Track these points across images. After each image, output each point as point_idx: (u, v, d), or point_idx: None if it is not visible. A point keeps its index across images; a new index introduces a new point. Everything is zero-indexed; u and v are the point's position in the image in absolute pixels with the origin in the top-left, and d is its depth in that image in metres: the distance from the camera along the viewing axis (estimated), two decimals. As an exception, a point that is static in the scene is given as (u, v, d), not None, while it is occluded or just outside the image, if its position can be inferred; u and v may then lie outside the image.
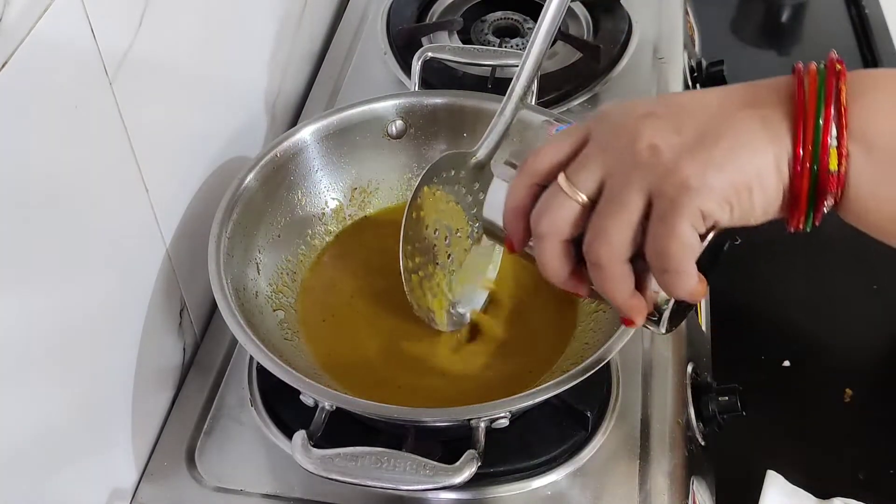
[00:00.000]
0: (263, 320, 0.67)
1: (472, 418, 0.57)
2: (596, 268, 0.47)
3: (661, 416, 0.68)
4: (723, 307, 0.88)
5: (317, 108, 0.93)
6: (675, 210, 0.44)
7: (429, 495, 0.65)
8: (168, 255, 0.69)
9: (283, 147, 0.72)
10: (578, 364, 0.58)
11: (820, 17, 1.29)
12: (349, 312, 0.71)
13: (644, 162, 0.45)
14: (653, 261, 0.46)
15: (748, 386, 0.72)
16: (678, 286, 0.46)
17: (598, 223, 0.46)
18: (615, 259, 0.46)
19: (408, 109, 0.76)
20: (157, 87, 0.65)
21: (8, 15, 0.47)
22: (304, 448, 0.55)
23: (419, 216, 0.66)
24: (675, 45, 0.98)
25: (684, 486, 0.66)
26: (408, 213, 0.65)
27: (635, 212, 0.45)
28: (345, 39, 1.01)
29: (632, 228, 0.45)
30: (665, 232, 0.44)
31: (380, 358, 0.68)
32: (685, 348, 0.74)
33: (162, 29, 0.64)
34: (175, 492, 0.66)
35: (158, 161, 0.66)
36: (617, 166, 0.46)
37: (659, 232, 0.44)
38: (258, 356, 0.59)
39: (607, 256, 0.46)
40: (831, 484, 0.77)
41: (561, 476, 0.65)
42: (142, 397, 0.67)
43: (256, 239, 0.70)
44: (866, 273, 0.84)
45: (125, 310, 0.64)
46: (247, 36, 0.81)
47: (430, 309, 0.68)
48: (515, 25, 0.99)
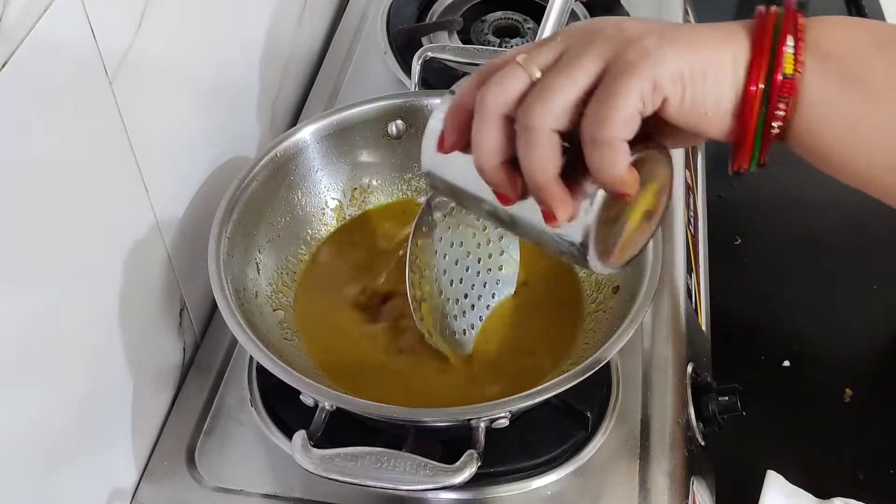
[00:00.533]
0: (263, 320, 0.67)
1: (472, 418, 0.57)
2: (525, 133, 0.44)
3: (661, 416, 0.68)
4: (723, 307, 0.88)
5: (317, 108, 0.93)
6: (629, 71, 0.43)
7: (429, 495, 0.65)
8: (168, 255, 0.69)
9: (283, 147, 0.72)
10: (578, 364, 0.58)
11: (820, 18, 1.29)
12: (349, 312, 0.71)
13: (607, 35, 0.44)
14: (587, 128, 0.43)
15: (748, 386, 0.72)
16: (606, 164, 0.43)
17: (543, 82, 0.44)
18: (548, 122, 0.43)
19: (408, 109, 0.76)
20: (157, 87, 0.65)
21: (8, 15, 0.47)
22: (304, 448, 0.55)
23: (425, 243, 0.65)
24: (675, 45, 0.98)
25: (684, 486, 0.66)
26: (413, 239, 0.64)
27: (585, 76, 0.43)
28: (345, 39, 1.01)
29: (576, 92, 0.43)
30: (612, 92, 0.42)
31: (380, 358, 0.68)
32: (685, 348, 0.74)
33: (162, 29, 0.64)
34: (175, 492, 0.66)
35: (158, 161, 0.66)
36: (579, 40, 0.45)
37: (605, 93, 0.43)
38: (258, 356, 0.59)
39: (540, 116, 0.43)
40: (831, 484, 0.77)
41: (561, 476, 0.65)
42: (142, 397, 0.67)
43: (256, 239, 0.70)
44: (866, 273, 0.84)
45: (125, 310, 0.64)
46: (247, 36, 0.81)
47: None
48: (515, 25, 0.99)
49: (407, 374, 0.67)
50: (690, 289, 0.80)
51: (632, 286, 0.63)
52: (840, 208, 1.01)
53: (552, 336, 0.69)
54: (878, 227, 0.99)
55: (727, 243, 0.97)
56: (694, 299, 0.80)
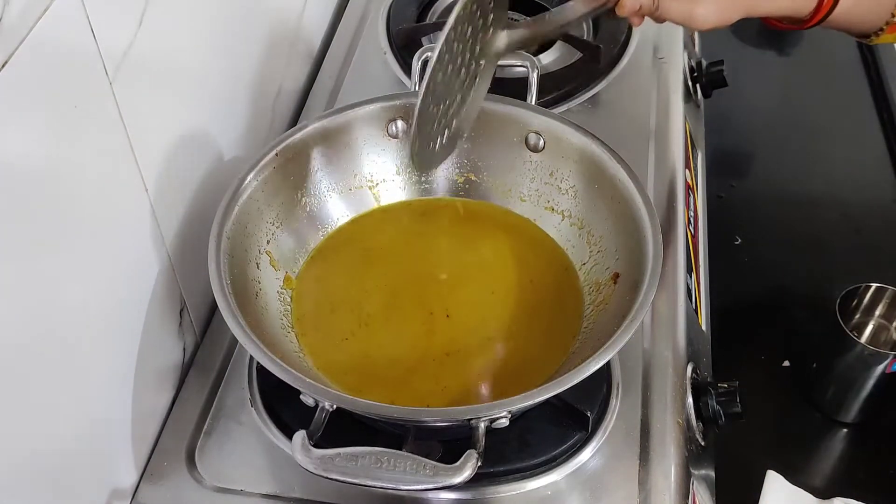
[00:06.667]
0: (263, 320, 0.67)
1: (472, 418, 0.57)
2: None
3: (661, 416, 0.68)
4: (723, 307, 0.88)
5: (317, 107, 0.93)
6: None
7: (429, 495, 0.65)
8: (168, 255, 0.69)
9: (283, 147, 0.72)
10: (578, 364, 0.58)
11: (820, 17, 1.29)
12: (349, 311, 0.71)
13: None
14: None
15: (748, 386, 0.72)
16: None
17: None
18: None
19: (408, 109, 0.76)
20: (157, 87, 0.65)
21: (8, 15, 0.47)
22: (304, 448, 0.55)
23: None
24: (675, 45, 0.98)
25: (684, 486, 0.66)
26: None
27: None
28: (345, 39, 1.01)
29: None
30: None
31: (380, 357, 0.68)
32: (685, 348, 0.74)
33: (162, 29, 0.64)
34: (175, 492, 0.66)
35: (158, 161, 0.66)
36: None
37: None
38: (258, 356, 0.59)
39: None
40: (831, 484, 0.77)
41: (561, 476, 0.65)
42: (142, 397, 0.67)
43: (256, 239, 0.70)
44: (866, 273, 0.84)
45: (125, 310, 0.64)
46: (247, 36, 0.81)
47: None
48: (515, 25, 0.99)
49: (407, 373, 0.67)
50: (690, 289, 0.80)
51: (632, 286, 0.64)
52: (840, 208, 1.01)
53: (552, 336, 0.69)
54: (878, 227, 1.00)
55: (727, 243, 0.97)
56: (694, 299, 0.80)
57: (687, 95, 0.96)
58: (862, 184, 1.05)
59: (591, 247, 0.72)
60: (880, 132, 1.11)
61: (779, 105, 1.17)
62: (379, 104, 0.76)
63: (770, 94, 1.18)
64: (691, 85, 1.00)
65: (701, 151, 0.99)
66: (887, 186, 1.05)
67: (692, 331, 0.77)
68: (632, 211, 0.67)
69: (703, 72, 1.02)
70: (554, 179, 0.75)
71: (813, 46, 1.25)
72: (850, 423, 0.83)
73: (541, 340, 0.69)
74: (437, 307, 0.71)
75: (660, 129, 0.89)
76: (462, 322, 0.70)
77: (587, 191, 0.72)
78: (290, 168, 0.73)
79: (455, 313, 0.70)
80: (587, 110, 0.90)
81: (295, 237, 0.74)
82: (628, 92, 0.92)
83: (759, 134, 1.12)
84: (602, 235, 0.71)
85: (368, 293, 0.72)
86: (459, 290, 0.72)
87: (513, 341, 0.69)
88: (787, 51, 1.26)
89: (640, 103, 0.91)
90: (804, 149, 1.10)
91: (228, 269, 0.64)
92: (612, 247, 0.70)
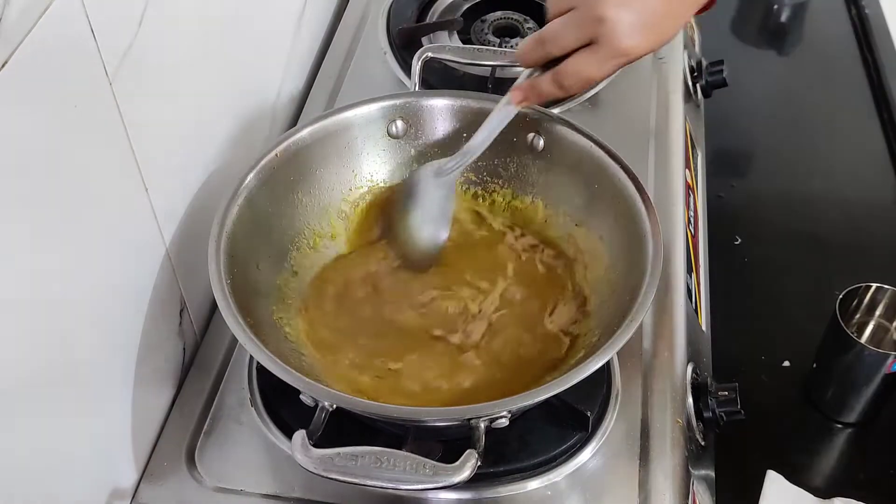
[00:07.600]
0: (263, 320, 0.67)
1: (472, 418, 0.57)
2: None
3: (661, 416, 0.68)
4: (723, 307, 0.88)
5: (317, 108, 0.93)
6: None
7: (429, 495, 0.65)
8: (168, 255, 0.69)
9: (283, 147, 0.72)
10: (578, 364, 0.58)
11: (820, 17, 1.29)
12: (349, 311, 0.71)
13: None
14: None
15: (748, 386, 0.72)
16: None
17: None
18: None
19: (408, 109, 0.76)
20: (157, 87, 0.65)
21: (8, 15, 0.47)
22: (303, 448, 0.55)
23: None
24: (675, 45, 0.98)
25: (684, 486, 0.66)
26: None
27: None
28: (345, 39, 1.01)
29: None
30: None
31: (381, 357, 0.68)
32: (685, 348, 0.74)
33: (162, 28, 0.64)
34: (175, 492, 0.66)
35: (158, 161, 0.66)
36: None
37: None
38: (258, 356, 0.59)
39: None
40: (831, 484, 0.77)
41: (561, 476, 0.65)
42: (142, 397, 0.67)
43: (256, 239, 0.70)
44: (866, 273, 0.84)
45: (125, 310, 0.64)
46: (247, 36, 0.81)
47: None
48: (515, 25, 0.99)
49: (408, 372, 0.67)
50: (690, 289, 0.80)
51: (632, 286, 0.63)
52: (840, 208, 1.01)
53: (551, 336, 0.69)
54: (878, 227, 1.00)
55: (727, 243, 0.97)
56: (694, 299, 0.80)
57: (687, 95, 0.96)
58: (862, 184, 1.05)
59: (591, 246, 0.72)
60: (880, 132, 1.11)
61: (779, 105, 1.17)
62: (379, 104, 0.76)
63: (770, 94, 1.18)
64: (691, 85, 1.00)
65: (701, 151, 0.99)
66: (887, 186, 1.05)
67: (692, 331, 0.77)
68: (632, 211, 0.67)
69: (703, 72, 1.02)
70: (554, 179, 0.75)
71: (813, 46, 1.25)
72: (850, 423, 0.83)
73: (541, 340, 0.69)
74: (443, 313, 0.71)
75: (660, 130, 0.89)
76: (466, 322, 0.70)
77: (587, 191, 0.72)
78: (290, 168, 0.73)
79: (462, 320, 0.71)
80: (587, 110, 0.90)
81: (294, 237, 0.74)
82: (628, 92, 0.92)
83: (759, 134, 1.12)
84: (602, 235, 0.71)
85: (369, 292, 0.72)
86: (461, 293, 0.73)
87: (514, 340, 0.69)
88: (787, 51, 1.26)
89: (640, 103, 0.91)
90: (804, 149, 1.10)
91: (228, 269, 0.64)
92: (613, 247, 0.70)
